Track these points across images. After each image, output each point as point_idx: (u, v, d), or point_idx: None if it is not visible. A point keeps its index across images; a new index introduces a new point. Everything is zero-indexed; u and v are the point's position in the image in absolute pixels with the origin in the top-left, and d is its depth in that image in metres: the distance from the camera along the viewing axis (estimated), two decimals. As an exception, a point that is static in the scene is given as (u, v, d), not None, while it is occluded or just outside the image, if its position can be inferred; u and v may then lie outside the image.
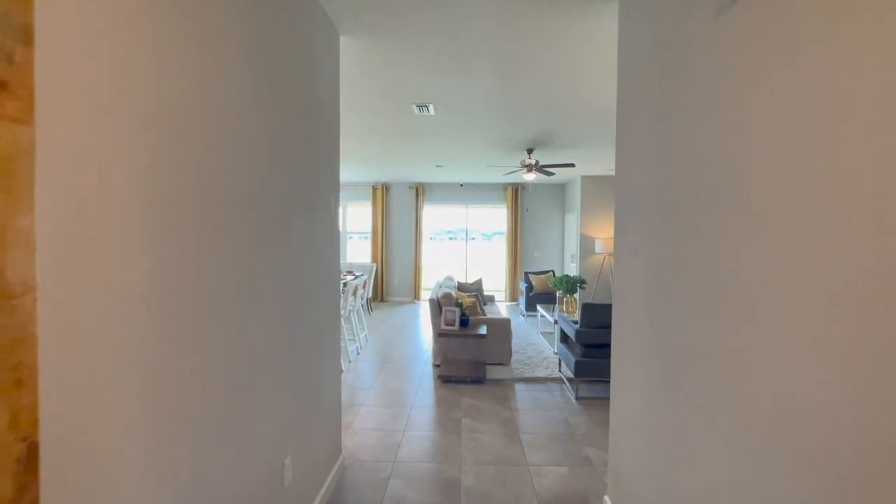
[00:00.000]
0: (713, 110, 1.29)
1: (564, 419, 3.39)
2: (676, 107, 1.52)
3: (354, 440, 3.00)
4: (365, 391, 3.97)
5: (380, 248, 9.22)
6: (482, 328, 4.49)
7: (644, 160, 1.80)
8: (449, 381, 4.24)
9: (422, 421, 3.34)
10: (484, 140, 5.25)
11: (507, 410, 3.56)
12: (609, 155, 6.11)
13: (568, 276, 5.70)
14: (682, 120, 1.48)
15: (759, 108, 1.09)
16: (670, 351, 1.54)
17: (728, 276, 1.21)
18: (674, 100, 1.54)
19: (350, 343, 5.32)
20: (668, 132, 1.58)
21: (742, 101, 1.16)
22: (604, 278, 8.11)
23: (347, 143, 5.53)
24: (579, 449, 2.91)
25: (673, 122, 1.55)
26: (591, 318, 3.78)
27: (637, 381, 1.84)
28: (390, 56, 2.86)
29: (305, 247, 2.03)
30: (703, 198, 1.35)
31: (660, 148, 1.65)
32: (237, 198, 1.39)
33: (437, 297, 4.84)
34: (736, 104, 1.18)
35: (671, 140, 1.56)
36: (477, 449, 2.90)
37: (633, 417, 1.89)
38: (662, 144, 1.63)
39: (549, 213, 9.32)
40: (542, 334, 6.23)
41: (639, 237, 1.84)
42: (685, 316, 1.44)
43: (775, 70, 1.04)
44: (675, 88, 1.53)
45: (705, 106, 1.34)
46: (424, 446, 2.93)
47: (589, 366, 3.76)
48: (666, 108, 1.60)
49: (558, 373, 4.47)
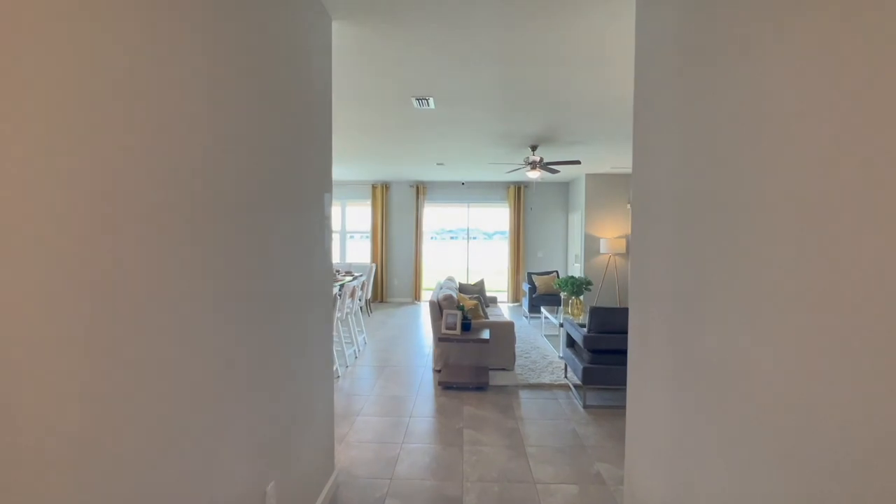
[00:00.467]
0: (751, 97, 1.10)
1: (572, 430, 3.20)
2: (706, 95, 1.33)
3: (349, 454, 2.81)
4: (362, 399, 3.79)
5: (380, 247, 9.04)
6: (485, 332, 4.30)
7: (667, 153, 1.61)
8: (450, 387, 4.05)
9: (421, 432, 3.15)
10: (486, 136, 5.06)
11: (511, 420, 3.37)
12: (616, 151, 5.92)
13: (573, 278, 5.51)
14: (712, 108, 1.29)
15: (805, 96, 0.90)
16: (702, 362, 1.35)
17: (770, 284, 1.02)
18: (703, 86, 1.35)
19: (347, 347, 5.13)
20: (696, 122, 1.39)
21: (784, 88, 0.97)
22: (609, 279, 7.91)
23: (345, 140, 5.35)
24: (590, 464, 2.72)
25: (702, 111, 1.35)
26: (600, 322, 3.59)
27: (660, 394, 1.65)
28: (387, 45, 2.67)
29: (291, 248, 1.84)
30: (742, 194, 1.16)
31: (686, 139, 1.46)
32: (203, 195, 1.20)
33: (438, 299, 4.65)
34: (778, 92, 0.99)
35: (700, 131, 1.37)
36: (479, 464, 2.71)
37: (654, 434, 1.70)
38: (689, 136, 1.44)
39: (552, 213, 9.13)
40: (547, 337, 6.04)
41: (660, 237, 1.65)
42: (719, 326, 1.25)
43: (828, 54, 0.85)
44: (705, 75, 1.33)
45: (741, 93, 1.14)
46: (424, 461, 2.74)
47: (598, 373, 3.57)
48: (693, 96, 1.41)
49: (564, 379, 4.28)
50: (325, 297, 2.32)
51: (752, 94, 1.13)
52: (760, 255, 1.09)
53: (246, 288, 1.45)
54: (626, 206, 7.89)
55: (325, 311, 2.33)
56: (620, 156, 6.20)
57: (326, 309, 2.33)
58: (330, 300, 2.39)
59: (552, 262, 9.11)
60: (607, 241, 7.67)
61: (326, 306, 2.34)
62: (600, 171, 7.58)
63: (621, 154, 6.06)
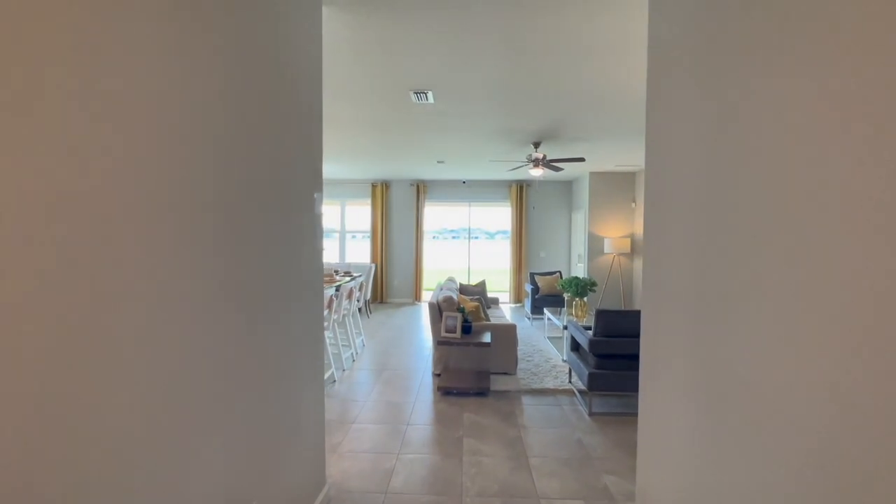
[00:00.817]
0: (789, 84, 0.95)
1: (577, 439, 3.04)
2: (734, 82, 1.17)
3: (342, 465, 2.66)
4: (358, 405, 3.64)
5: (380, 247, 8.89)
6: (486, 336, 4.14)
7: (687, 147, 1.45)
8: (450, 393, 3.90)
9: (419, 441, 3.00)
10: (488, 132, 4.90)
11: (514, 428, 3.22)
12: (621, 148, 5.76)
13: (577, 278, 5.35)
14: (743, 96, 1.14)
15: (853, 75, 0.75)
16: (732, 378, 1.20)
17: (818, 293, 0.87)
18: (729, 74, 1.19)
19: (345, 350, 4.99)
20: (723, 111, 1.24)
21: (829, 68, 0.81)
22: (613, 280, 7.75)
23: (341, 137, 5.20)
24: (597, 477, 2.56)
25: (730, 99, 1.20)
26: (607, 325, 3.43)
27: (678, 407, 1.50)
28: (382, 34, 2.52)
29: (277, 248, 1.70)
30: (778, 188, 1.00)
31: (711, 132, 1.31)
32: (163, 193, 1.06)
33: (438, 300, 4.50)
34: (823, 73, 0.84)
35: (727, 121, 1.22)
36: (480, 476, 2.56)
37: (671, 452, 1.55)
38: (714, 127, 1.28)
39: (555, 212, 8.97)
40: (550, 339, 5.89)
41: (680, 236, 1.50)
42: (755, 339, 1.10)
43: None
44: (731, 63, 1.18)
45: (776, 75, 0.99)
46: (421, 473, 2.59)
47: (604, 378, 3.41)
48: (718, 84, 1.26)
49: (568, 384, 4.12)
50: (316, 300, 2.18)
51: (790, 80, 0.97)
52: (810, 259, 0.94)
53: (223, 288, 1.31)
54: (632, 205, 7.72)
55: (316, 315, 2.18)
56: (625, 153, 6.04)
57: (316, 313, 2.18)
58: (321, 304, 2.25)
59: (555, 262, 8.95)
60: (611, 241, 7.50)
61: (317, 310, 2.19)
62: (604, 168, 7.42)
63: (626, 150, 5.90)
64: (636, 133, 4.88)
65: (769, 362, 1.04)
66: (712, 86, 1.30)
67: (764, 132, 1.06)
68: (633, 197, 7.72)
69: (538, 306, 7.19)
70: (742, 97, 1.15)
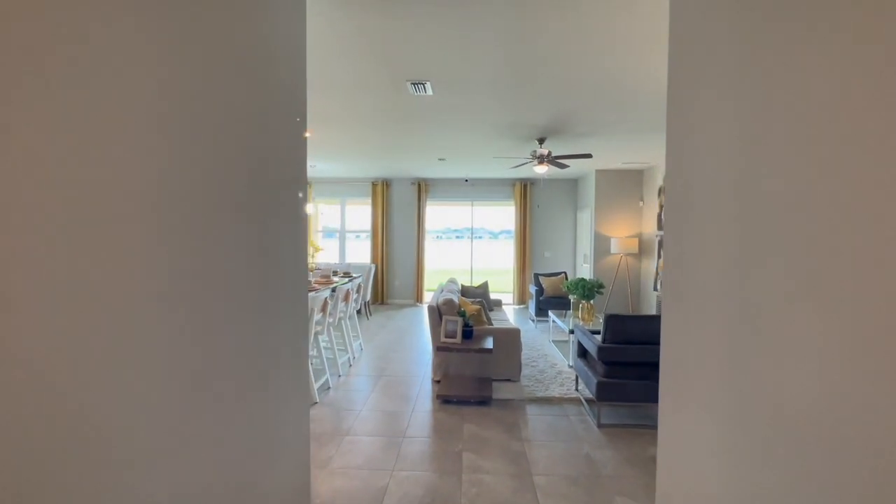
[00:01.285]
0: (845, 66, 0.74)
1: (586, 454, 2.84)
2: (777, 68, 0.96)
3: (332, 483, 2.47)
4: (353, 414, 3.45)
5: (380, 247, 8.70)
6: (488, 341, 3.94)
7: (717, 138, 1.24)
8: (449, 401, 3.70)
9: (415, 456, 2.80)
10: (490, 127, 4.70)
11: (517, 441, 3.01)
12: (630, 145, 5.53)
13: (584, 280, 5.13)
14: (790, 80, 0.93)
15: None
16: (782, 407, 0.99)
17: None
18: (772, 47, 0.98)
19: (341, 354, 4.79)
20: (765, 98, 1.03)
21: None
22: (620, 281, 7.52)
23: (337, 133, 5.01)
24: (608, 499, 2.36)
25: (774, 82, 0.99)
26: (617, 331, 3.22)
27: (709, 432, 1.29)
28: (376, 19, 2.32)
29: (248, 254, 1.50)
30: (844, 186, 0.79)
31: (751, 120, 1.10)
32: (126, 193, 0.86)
33: (438, 303, 4.30)
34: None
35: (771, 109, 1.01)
36: (480, 498, 2.36)
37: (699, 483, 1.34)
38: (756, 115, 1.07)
39: (560, 211, 8.74)
40: (555, 343, 5.68)
41: (712, 237, 1.29)
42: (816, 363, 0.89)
43: None
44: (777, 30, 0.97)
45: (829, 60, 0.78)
46: (416, 493, 2.39)
47: (613, 388, 3.20)
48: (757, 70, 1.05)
49: (575, 392, 3.91)
50: (299, 308, 1.98)
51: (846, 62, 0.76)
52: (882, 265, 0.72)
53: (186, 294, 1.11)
54: (640, 204, 7.49)
55: (299, 325, 1.98)
56: (633, 150, 5.81)
57: (300, 322, 1.99)
58: (305, 312, 2.05)
59: (560, 263, 8.73)
60: (618, 241, 7.27)
61: (299, 319, 1.99)
62: (611, 166, 7.19)
63: (635, 148, 5.67)
64: (647, 129, 4.65)
65: (841, 399, 0.83)
66: (746, 73, 1.09)
67: (808, 132, 0.85)
68: (640, 195, 7.49)
69: (542, 308, 6.98)
70: (784, 84, 0.94)
